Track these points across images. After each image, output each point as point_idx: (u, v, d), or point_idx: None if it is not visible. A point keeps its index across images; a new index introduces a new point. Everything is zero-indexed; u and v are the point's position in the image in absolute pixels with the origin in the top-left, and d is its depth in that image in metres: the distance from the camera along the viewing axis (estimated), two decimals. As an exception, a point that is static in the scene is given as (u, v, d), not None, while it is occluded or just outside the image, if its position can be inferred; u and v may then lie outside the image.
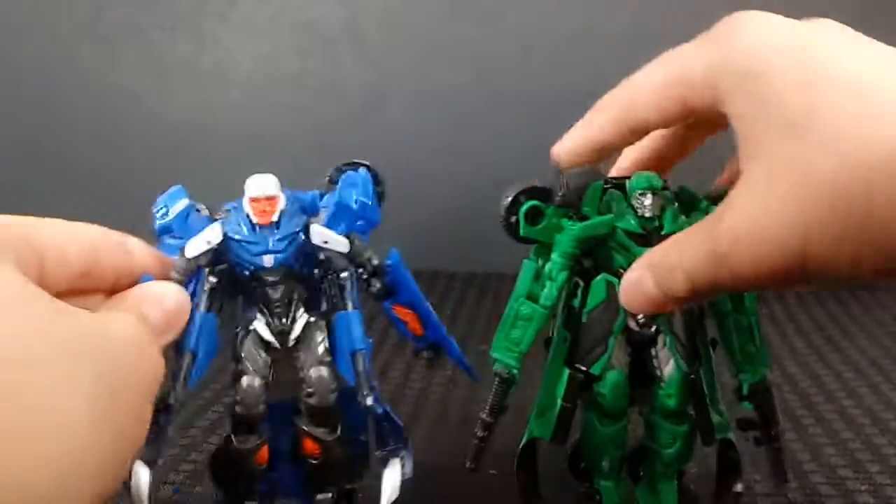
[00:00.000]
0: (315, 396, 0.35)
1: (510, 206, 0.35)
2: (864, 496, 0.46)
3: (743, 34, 0.29)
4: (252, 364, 0.35)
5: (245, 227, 0.34)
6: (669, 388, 0.35)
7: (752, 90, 0.28)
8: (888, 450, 0.52)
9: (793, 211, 0.26)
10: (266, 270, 0.34)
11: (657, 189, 0.34)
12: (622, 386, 0.35)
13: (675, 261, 0.30)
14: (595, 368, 0.35)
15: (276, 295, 0.34)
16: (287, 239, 0.34)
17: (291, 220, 0.34)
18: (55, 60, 0.85)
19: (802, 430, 0.54)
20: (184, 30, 0.84)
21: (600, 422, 0.36)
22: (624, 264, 0.34)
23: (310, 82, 0.84)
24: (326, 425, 0.35)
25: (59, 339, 0.25)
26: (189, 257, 0.33)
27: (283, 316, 0.35)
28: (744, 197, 0.28)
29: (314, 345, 0.35)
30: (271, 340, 0.35)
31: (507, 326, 0.35)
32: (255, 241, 0.34)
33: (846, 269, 0.26)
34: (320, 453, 0.35)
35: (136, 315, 0.29)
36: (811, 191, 0.26)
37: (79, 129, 0.87)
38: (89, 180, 0.87)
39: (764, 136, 0.27)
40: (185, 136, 0.86)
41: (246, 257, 0.34)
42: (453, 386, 0.59)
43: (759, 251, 0.27)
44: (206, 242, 0.33)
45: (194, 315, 0.33)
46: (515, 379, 0.35)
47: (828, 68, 0.27)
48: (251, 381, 0.34)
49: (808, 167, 0.26)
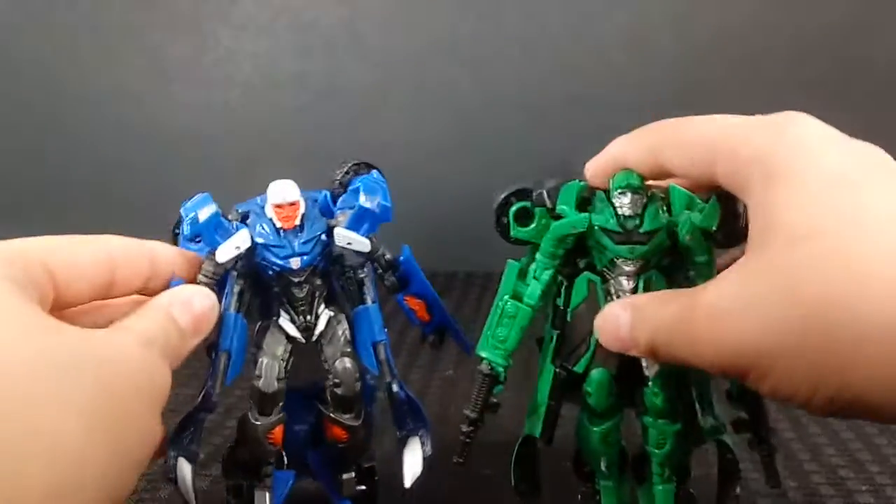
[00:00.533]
0: (342, 386, 0.37)
1: (500, 208, 0.36)
2: (864, 496, 0.47)
3: (793, 132, 0.29)
4: (272, 349, 0.37)
5: (270, 231, 0.35)
6: (656, 388, 0.35)
7: (781, 189, 0.28)
8: (888, 450, 0.52)
9: (774, 318, 0.26)
10: (293, 272, 0.36)
11: (636, 187, 0.34)
12: (607, 384, 0.35)
13: (650, 313, 0.31)
14: (579, 367, 0.35)
15: (301, 293, 0.36)
16: (312, 241, 0.36)
17: (313, 222, 0.36)
18: (55, 60, 0.85)
19: (802, 430, 0.54)
20: (184, 30, 0.85)
21: (590, 421, 0.36)
22: (604, 262, 0.35)
23: (310, 82, 0.85)
24: (352, 412, 0.37)
25: (50, 357, 0.25)
26: (220, 262, 0.35)
27: (308, 312, 0.37)
28: (733, 283, 0.28)
29: (336, 338, 0.37)
30: (297, 336, 0.37)
31: (493, 324, 0.36)
32: (281, 245, 0.35)
33: (802, 395, 0.27)
34: (347, 438, 0.38)
35: (137, 331, 0.30)
36: (798, 307, 0.26)
37: (79, 129, 0.87)
38: (89, 180, 0.87)
39: (776, 235, 0.27)
40: (186, 136, 0.86)
41: (273, 260, 0.35)
42: (454, 386, 0.59)
43: (727, 337, 0.27)
44: (235, 248, 0.35)
45: (227, 316, 0.35)
46: (501, 376, 0.36)
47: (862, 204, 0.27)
48: (270, 362, 0.36)
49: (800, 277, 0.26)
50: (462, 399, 0.36)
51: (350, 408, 0.37)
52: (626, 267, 0.34)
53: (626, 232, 0.34)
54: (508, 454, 0.37)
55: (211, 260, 0.35)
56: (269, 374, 0.36)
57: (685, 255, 0.35)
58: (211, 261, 0.35)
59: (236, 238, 0.35)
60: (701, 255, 0.34)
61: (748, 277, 0.28)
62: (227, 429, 0.50)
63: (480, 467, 0.37)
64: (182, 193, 0.37)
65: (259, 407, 0.36)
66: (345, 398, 0.37)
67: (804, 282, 0.26)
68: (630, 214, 0.34)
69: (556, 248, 0.35)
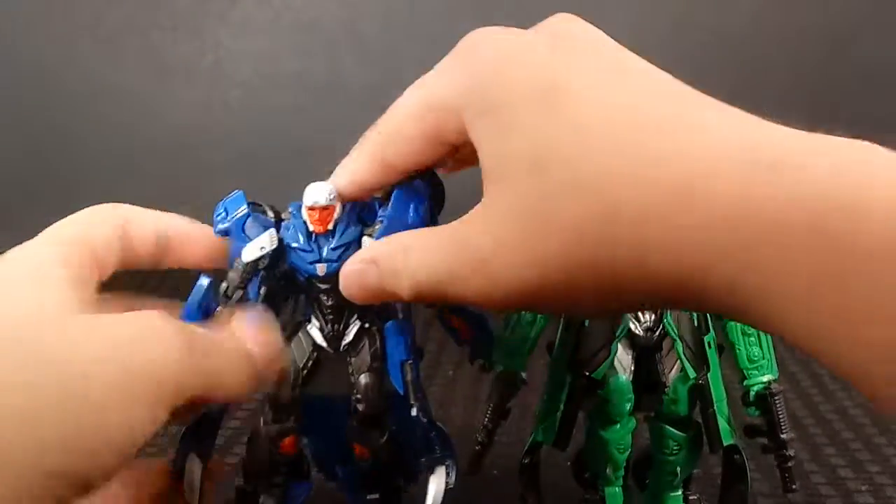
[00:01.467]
0: (363, 403, 0.35)
1: None
2: (864, 496, 0.47)
3: (484, 55, 0.28)
4: (294, 356, 0.36)
5: (301, 234, 0.34)
6: (675, 395, 0.35)
7: (494, 120, 0.27)
8: (888, 450, 0.52)
9: (533, 245, 0.26)
10: (319, 278, 0.35)
11: None
12: (626, 391, 0.35)
13: (401, 265, 0.29)
14: (598, 373, 0.35)
15: (330, 302, 0.35)
16: (341, 248, 0.34)
17: (347, 229, 0.35)
18: (55, 60, 0.85)
19: (802, 430, 0.54)
20: (184, 30, 0.84)
21: (603, 427, 0.36)
22: None
23: (310, 82, 0.85)
24: (375, 430, 0.36)
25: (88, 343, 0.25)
26: (245, 261, 0.34)
27: (336, 322, 0.36)
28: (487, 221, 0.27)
29: (364, 352, 0.36)
30: (323, 345, 0.36)
31: (509, 331, 0.35)
32: (309, 250, 0.34)
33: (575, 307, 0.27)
34: (369, 457, 0.36)
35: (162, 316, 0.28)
36: (552, 230, 0.25)
37: (79, 129, 0.87)
38: (89, 179, 0.87)
39: (508, 167, 0.26)
40: (186, 136, 0.86)
41: (300, 264, 0.35)
42: (454, 386, 0.59)
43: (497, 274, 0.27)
44: (260, 248, 0.34)
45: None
46: (518, 383, 0.35)
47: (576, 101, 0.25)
48: (288, 370, 0.35)
49: (551, 207, 0.25)
50: (462, 400, 0.35)
51: (373, 426, 0.36)
52: None
53: None
54: (511, 455, 0.37)
55: (240, 259, 0.34)
56: (286, 382, 0.35)
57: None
58: (240, 260, 0.34)
59: (262, 238, 0.34)
60: None
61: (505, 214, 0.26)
62: (229, 429, 0.50)
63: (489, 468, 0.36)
64: (182, 193, 0.37)
65: (273, 413, 0.35)
66: (366, 415, 0.35)
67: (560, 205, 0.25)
68: None
69: None
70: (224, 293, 0.35)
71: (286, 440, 0.36)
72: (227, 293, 0.34)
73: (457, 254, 0.28)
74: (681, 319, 0.35)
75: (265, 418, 0.36)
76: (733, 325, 0.36)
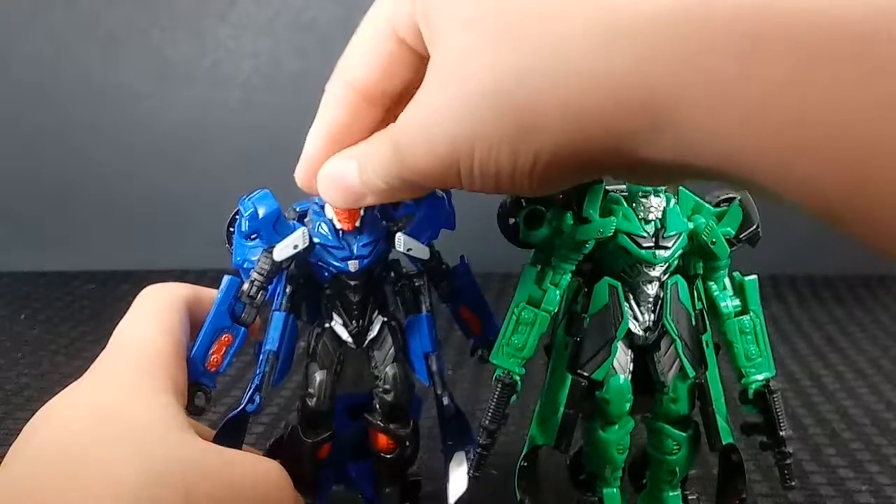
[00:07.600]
0: (391, 394, 0.36)
1: (510, 210, 0.35)
2: (864, 496, 0.47)
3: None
4: (326, 360, 0.36)
5: (329, 232, 0.35)
6: (675, 394, 0.35)
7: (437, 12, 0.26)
8: (888, 450, 0.52)
9: (462, 104, 0.25)
10: (350, 274, 0.35)
11: (659, 190, 0.34)
12: (625, 391, 0.35)
13: (376, 159, 0.29)
14: (598, 374, 0.35)
15: (356, 298, 0.36)
16: (371, 244, 0.35)
17: (373, 225, 0.35)
18: (55, 60, 0.85)
19: (802, 430, 0.54)
20: (184, 30, 0.85)
21: (602, 428, 0.36)
22: (626, 267, 0.34)
23: (310, 82, 0.84)
24: (401, 421, 0.37)
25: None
26: (277, 260, 0.34)
27: (361, 317, 0.36)
28: (422, 90, 0.27)
29: (388, 345, 0.37)
30: (348, 341, 0.36)
31: (509, 332, 0.34)
32: (339, 247, 0.35)
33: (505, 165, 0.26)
34: (395, 448, 0.37)
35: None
36: (479, 87, 0.25)
37: (79, 129, 0.86)
38: (89, 180, 0.87)
39: (444, 28, 0.26)
40: (186, 136, 0.86)
41: (331, 261, 0.35)
42: (453, 387, 0.59)
43: (430, 142, 0.26)
44: (293, 247, 0.34)
45: (276, 316, 0.35)
46: (518, 385, 0.35)
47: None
48: (323, 377, 0.36)
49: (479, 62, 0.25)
50: (461, 400, 0.36)
51: (398, 416, 0.36)
52: (651, 272, 0.34)
53: (651, 236, 0.33)
54: (509, 454, 0.37)
55: (267, 258, 0.34)
56: (323, 392, 0.35)
57: (705, 259, 0.35)
58: (267, 259, 0.34)
59: (295, 237, 0.34)
60: (723, 260, 0.35)
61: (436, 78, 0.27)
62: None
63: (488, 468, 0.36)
64: (182, 193, 0.37)
65: (309, 423, 0.36)
66: (394, 406, 0.36)
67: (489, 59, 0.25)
68: (654, 218, 0.34)
69: (576, 252, 0.34)
70: (248, 294, 0.35)
71: (323, 447, 0.36)
72: (251, 294, 0.35)
73: (396, 125, 0.28)
74: (679, 319, 0.35)
75: (302, 428, 0.36)
76: (731, 324, 0.36)
